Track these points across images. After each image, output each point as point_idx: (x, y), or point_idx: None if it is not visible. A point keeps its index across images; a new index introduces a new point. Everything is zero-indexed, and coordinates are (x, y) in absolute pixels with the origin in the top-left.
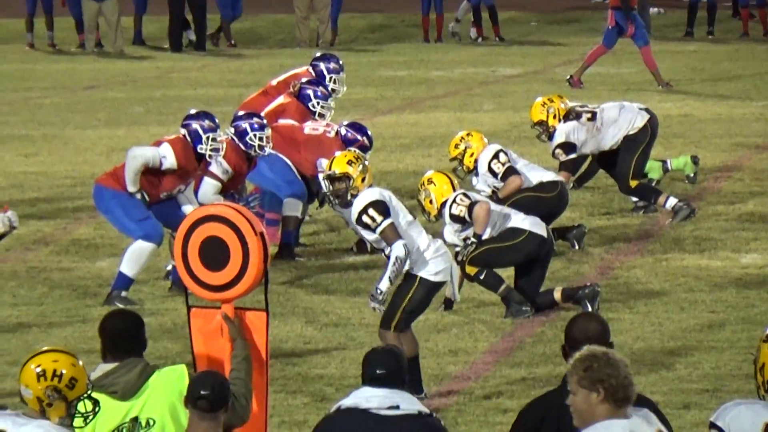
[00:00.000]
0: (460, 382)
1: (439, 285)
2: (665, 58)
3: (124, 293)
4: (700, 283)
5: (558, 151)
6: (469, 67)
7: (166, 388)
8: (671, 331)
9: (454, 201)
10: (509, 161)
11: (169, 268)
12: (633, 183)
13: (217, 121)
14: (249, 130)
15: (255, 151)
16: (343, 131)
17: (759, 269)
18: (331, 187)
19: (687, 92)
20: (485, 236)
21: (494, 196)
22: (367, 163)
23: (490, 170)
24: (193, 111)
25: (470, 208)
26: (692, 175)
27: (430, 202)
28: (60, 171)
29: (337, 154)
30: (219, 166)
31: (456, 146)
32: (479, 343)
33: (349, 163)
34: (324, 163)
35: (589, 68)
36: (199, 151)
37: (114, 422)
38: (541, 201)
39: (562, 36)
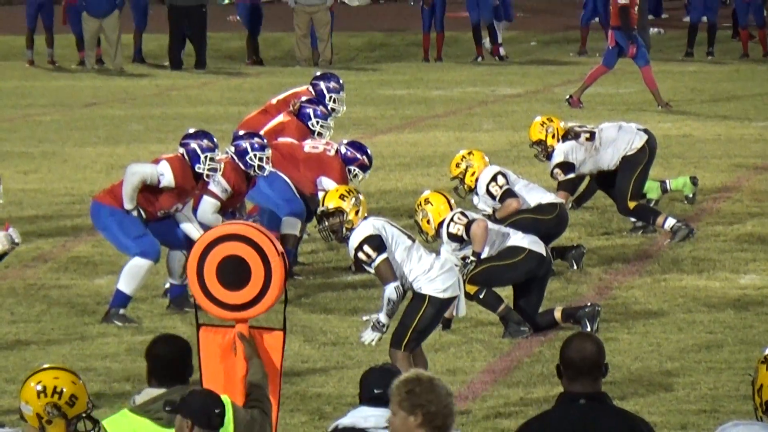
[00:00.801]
0: (457, 402)
1: (449, 301)
2: (665, 78)
3: (122, 311)
4: (699, 304)
5: (556, 170)
6: (468, 87)
7: None
8: (669, 352)
9: (451, 220)
10: (507, 183)
11: (167, 285)
12: (631, 204)
13: (215, 140)
14: (249, 149)
15: (255, 171)
16: (342, 150)
17: (757, 290)
18: (326, 223)
19: (686, 112)
20: (484, 255)
21: (492, 217)
22: (360, 196)
23: (488, 192)
24: (191, 130)
25: (468, 227)
26: (691, 195)
27: (428, 222)
28: (59, 188)
29: (330, 189)
30: (218, 185)
31: (457, 165)
32: (477, 362)
33: (342, 197)
34: (324, 181)
35: (588, 88)
36: (196, 170)
37: None
38: (539, 223)
39: (562, 56)
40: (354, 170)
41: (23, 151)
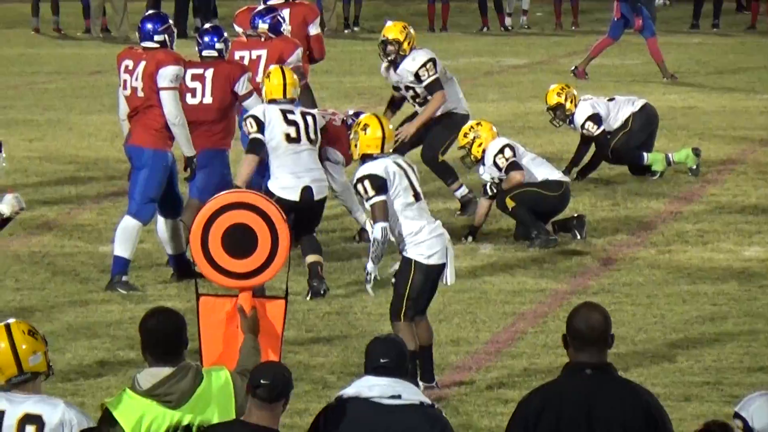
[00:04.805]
0: (461, 372)
1: (435, 267)
2: (670, 50)
3: (125, 277)
4: (703, 276)
5: (588, 123)
6: (473, 57)
7: (216, 394)
8: (673, 324)
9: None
10: (514, 156)
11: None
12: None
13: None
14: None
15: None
16: (349, 120)
17: (761, 262)
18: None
19: (692, 84)
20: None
21: (498, 186)
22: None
23: (495, 164)
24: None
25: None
26: (694, 167)
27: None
28: (64, 156)
29: (336, 160)
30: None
31: (465, 135)
32: (481, 333)
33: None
34: (329, 151)
35: (594, 59)
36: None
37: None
38: (544, 198)
39: (568, 26)
40: None
41: (28, 119)
